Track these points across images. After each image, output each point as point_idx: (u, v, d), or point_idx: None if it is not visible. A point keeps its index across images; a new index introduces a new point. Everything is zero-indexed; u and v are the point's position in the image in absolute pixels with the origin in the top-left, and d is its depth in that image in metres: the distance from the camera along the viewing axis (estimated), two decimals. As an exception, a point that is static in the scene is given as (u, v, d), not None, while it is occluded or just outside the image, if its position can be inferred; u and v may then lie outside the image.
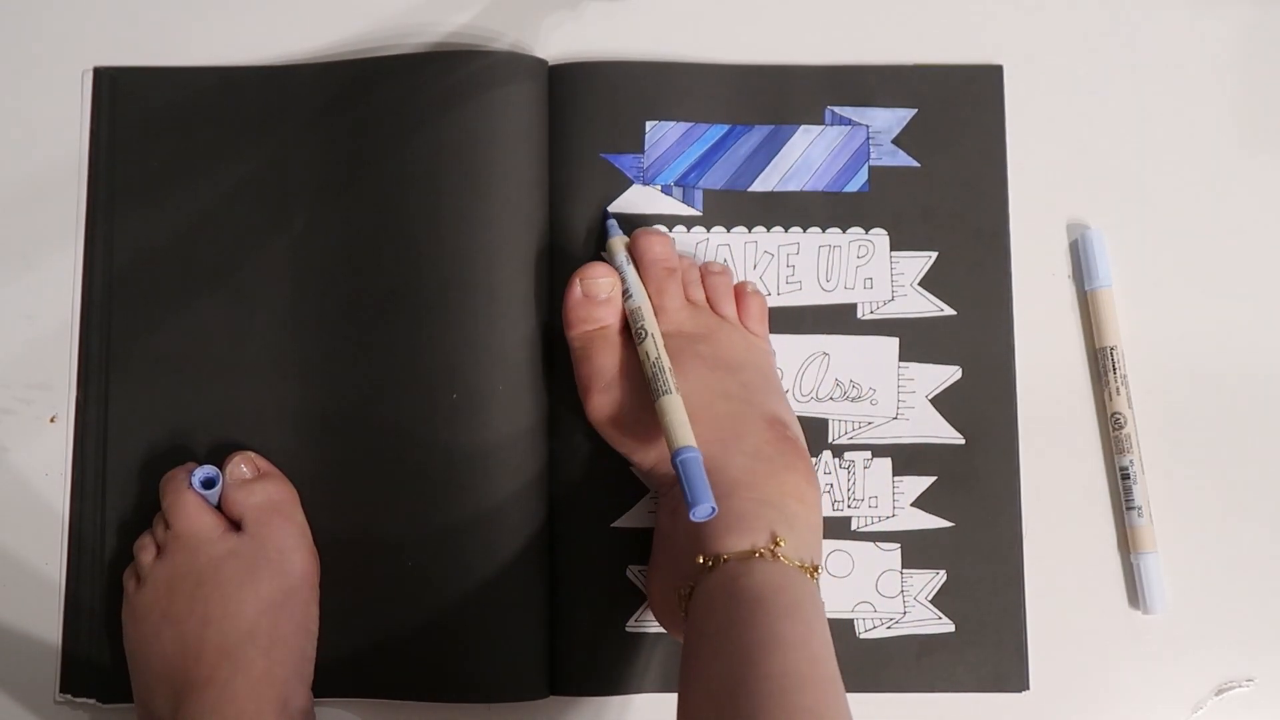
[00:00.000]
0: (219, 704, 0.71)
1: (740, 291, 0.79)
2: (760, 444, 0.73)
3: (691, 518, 0.67)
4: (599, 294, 0.76)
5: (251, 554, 0.75)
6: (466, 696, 0.77)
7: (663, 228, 0.81)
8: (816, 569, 0.69)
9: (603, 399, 0.75)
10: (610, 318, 0.76)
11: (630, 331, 0.76)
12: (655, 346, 0.73)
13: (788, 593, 0.66)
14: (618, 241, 0.79)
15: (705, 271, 0.79)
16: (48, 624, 0.79)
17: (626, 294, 0.76)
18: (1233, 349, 0.82)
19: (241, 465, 0.77)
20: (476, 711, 0.78)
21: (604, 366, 0.76)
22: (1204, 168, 0.83)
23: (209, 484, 0.75)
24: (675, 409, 0.71)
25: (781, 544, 0.68)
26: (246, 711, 0.71)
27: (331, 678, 0.77)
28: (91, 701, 0.78)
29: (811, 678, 0.63)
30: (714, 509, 0.67)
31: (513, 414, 0.77)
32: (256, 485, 0.76)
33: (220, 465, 0.76)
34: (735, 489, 0.70)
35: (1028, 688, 0.78)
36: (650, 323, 0.74)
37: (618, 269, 0.77)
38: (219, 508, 0.76)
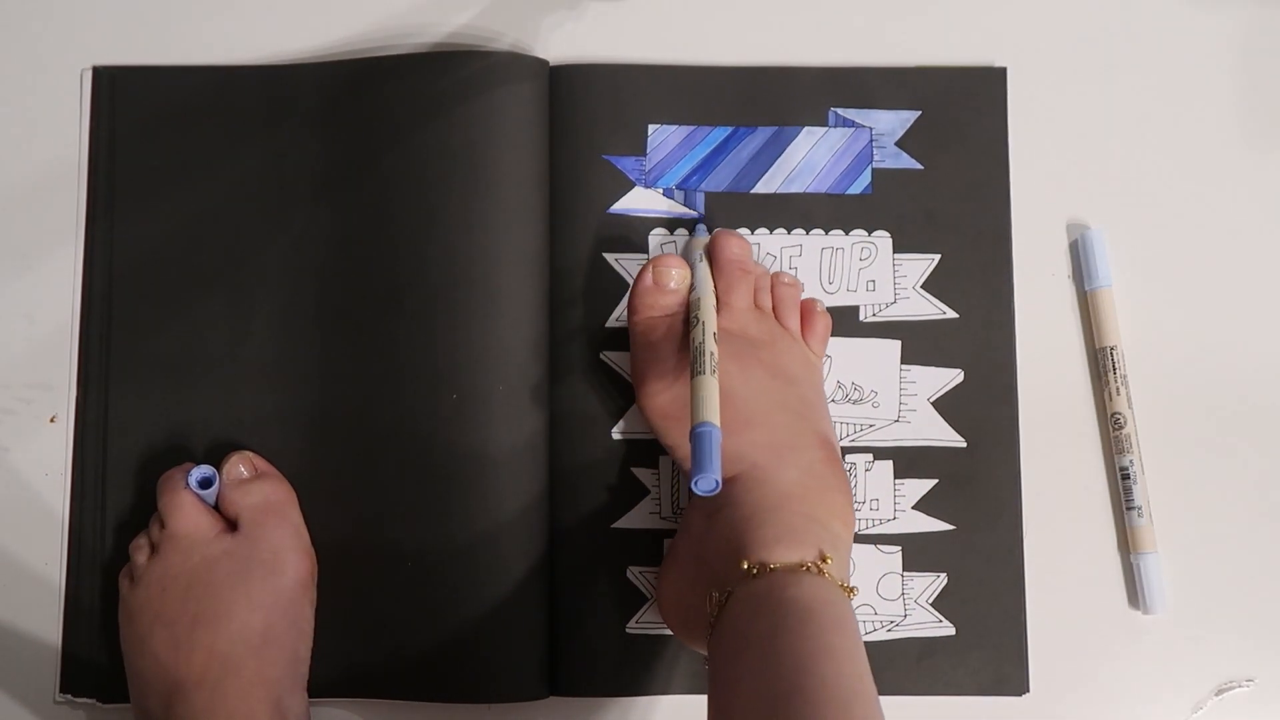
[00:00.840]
0: (210, 705, 0.71)
1: (808, 308, 0.79)
2: (813, 461, 0.72)
3: (693, 488, 0.65)
4: (668, 283, 0.76)
5: (245, 554, 0.74)
6: (466, 696, 0.77)
7: (740, 234, 0.80)
8: (854, 591, 0.69)
9: (657, 387, 0.75)
10: (675, 308, 0.76)
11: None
12: (704, 333, 0.72)
13: (835, 607, 0.65)
14: (698, 240, 0.79)
15: (775, 281, 0.79)
16: (48, 624, 0.79)
17: (693, 288, 0.76)
18: (1233, 349, 0.82)
19: (239, 465, 0.77)
20: (476, 711, 0.78)
21: (662, 356, 0.75)
22: (1204, 168, 0.83)
23: (206, 484, 0.75)
24: (707, 388, 0.70)
25: (829, 561, 0.67)
26: (238, 712, 0.71)
27: (331, 678, 0.77)
28: (91, 701, 0.78)
29: (861, 692, 0.62)
30: (718, 483, 0.66)
31: (513, 415, 0.77)
32: (253, 485, 0.76)
33: (218, 465, 0.76)
34: (787, 501, 0.70)
35: (1028, 691, 0.78)
36: (707, 314, 0.74)
37: (690, 264, 0.77)
38: (216, 507, 0.76)
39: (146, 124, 0.82)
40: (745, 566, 0.67)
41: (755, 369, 0.74)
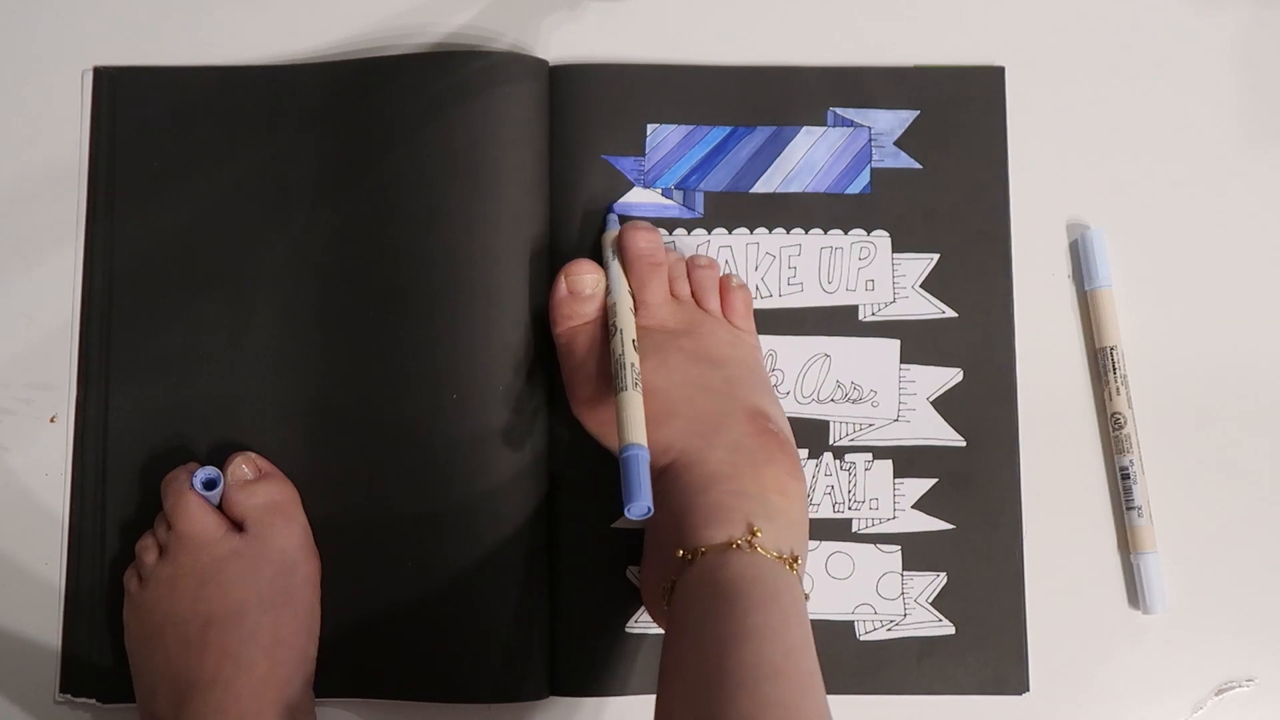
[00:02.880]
0: (222, 704, 0.71)
1: (725, 286, 0.79)
2: (740, 437, 0.73)
3: (626, 514, 0.67)
4: (583, 290, 0.76)
5: (254, 554, 0.75)
6: (467, 696, 0.77)
7: (647, 223, 0.80)
8: (796, 560, 0.69)
9: (584, 393, 0.76)
10: (593, 313, 0.77)
11: None
12: (622, 343, 0.73)
13: (764, 584, 0.66)
14: (608, 236, 0.79)
15: (691, 265, 0.79)
16: (48, 624, 0.79)
17: (609, 291, 0.77)
18: (1233, 349, 0.82)
19: (243, 466, 0.77)
20: (476, 711, 0.78)
21: (585, 362, 0.76)
22: (1204, 168, 0.83)
23: (210, 485, 0.75)
24: (630, 405, 0.71)
25: (759, 534, 0.68)
26: (249, 712, 0.71)
27: (331, 678, 0.77)
28: (91, 701, 0.78)
29: (785, 669, 0.62)
30: (649, 509, 0.67)
31: (513, 414, 0.77)
32: (258, 486, 0.76)
33: (221, 466, 0.76)
34: (713, 482, 0.71)
35: (1028, 689, 0.78)
36: (623, 319, 0.75)
37: (604, 264, 0.77)
38: (220, 508, 0.76)
39: (146, 124, 0.82)
40: (680, 554, 0.68)
41: (676, 358, 0.75)
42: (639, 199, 0.81)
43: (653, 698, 0.77)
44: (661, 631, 0.77)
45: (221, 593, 0.73)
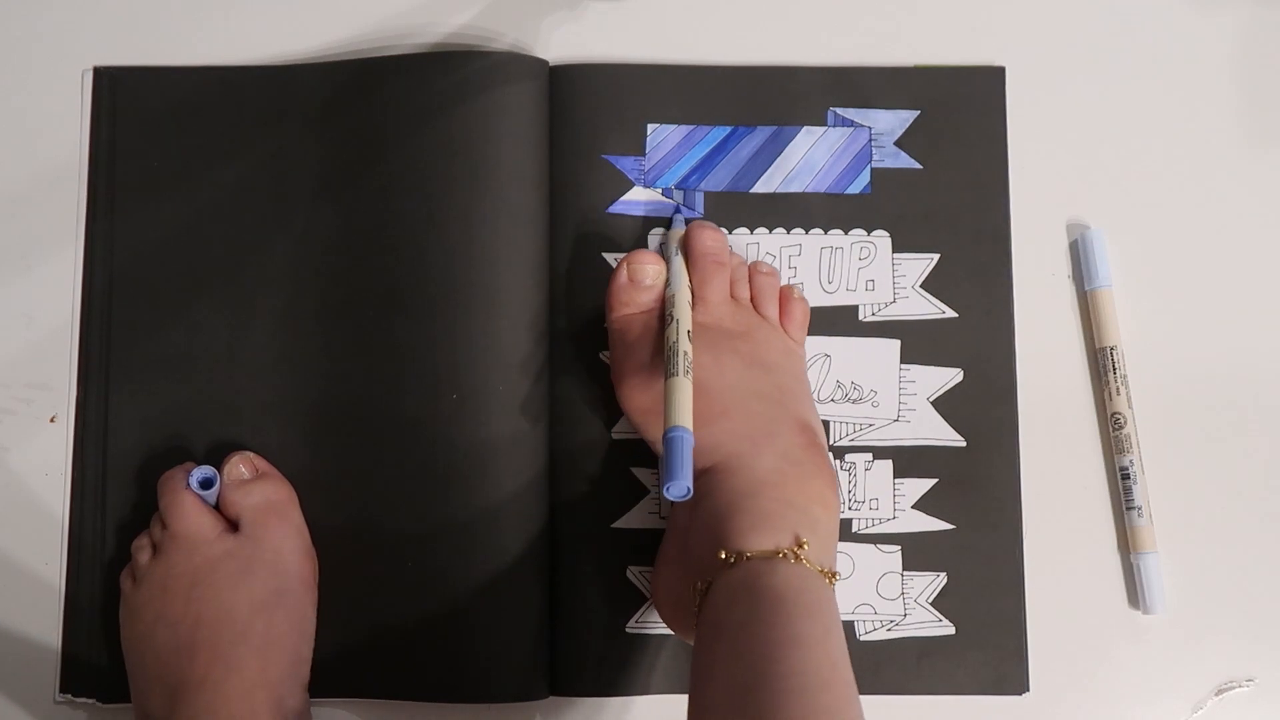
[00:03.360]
0: (212, 705, 0.71)
1: (785, 295, 0.78)
2: (790, 447, 0.72)
3: (665, 494, 0.66)
4: (643, 280, 0.76)
5: (247, 555, 0.74)
6: (466, 696, 0.77)
7: (714, 225, 0.80)
8: (835, 575, 0.69)
9: (635, 383, 0.75)
10: (650, 303, 0.76)
11: None
12: (677, 332, 0.73)
13: (808, 594, 0.66)
14: (675, 233, 0.79)
15: (753, 270, 0.79)
16: (48, 624, 0.79)
17: (669, 284, 0.76)
18: (1233, 349, 0.82)
19: (240, 465, 0.77)
20: (476, 711, 0.78)
21: (639, 354, 0.75)
22: (1205, 167, 0.83)
23: (207, 484, 0.75)
24: (679, 391, 0.70)
25: (805, 546, 0.67)
26: (240, 713, 0.71)
27: (331, 678, 0.77)
28: (91, 701, 0.78)
29: (832, 680, 0.63)
30: (689, 490, 0.66)
31: (513, 414, 0.77)
32: (254, 486, 0.76)
33: (219, 465, 0.76)
34: (763, 488, 0.70)
35: (1028, 690, 0.78)
36: (681, 310, 0.74)
37: (667, 259, 0.77)
38: (217, 508, 0.76)
39: (147, 124, 0.82)
40: (723, 556, 0.68)
41: (730, 359, 0.74)
42: (639, 198, 0.81)
43: (653, 698, 0.78)
44: (663, 632, 0.78)
45: (213, 594, 0.73)
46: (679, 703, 0.77)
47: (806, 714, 0.61)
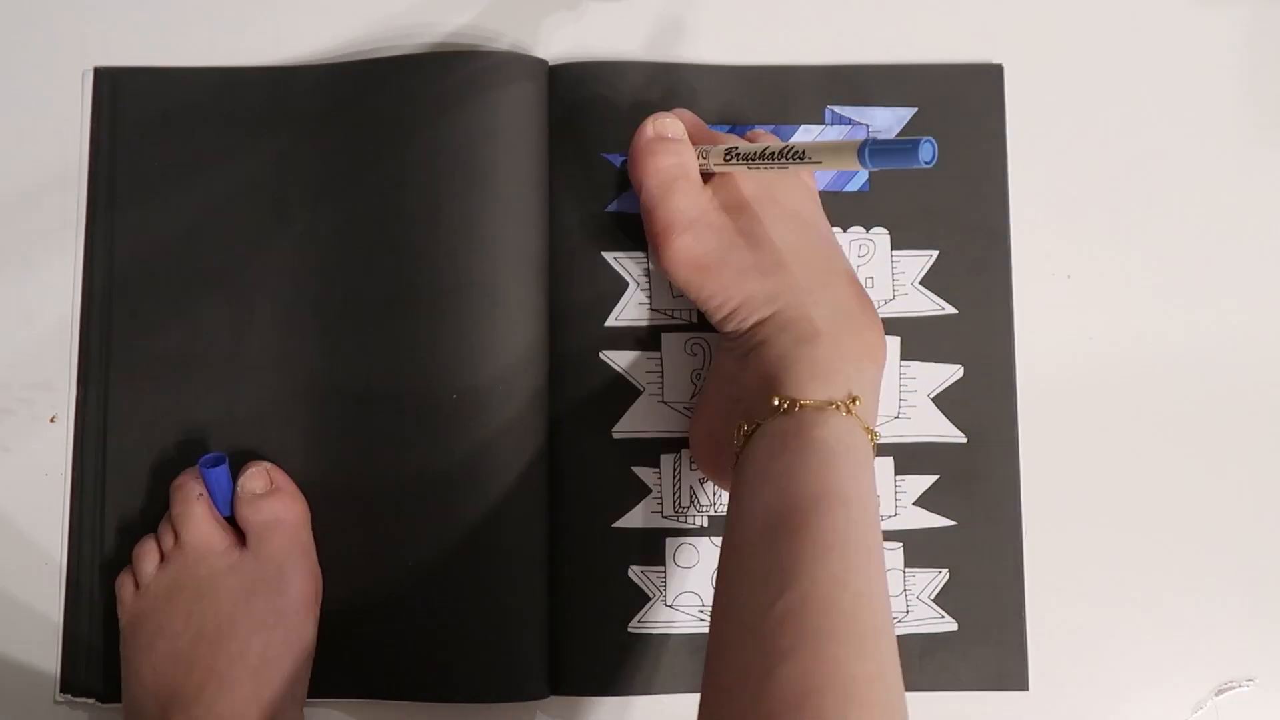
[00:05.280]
0: None
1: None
2: (844, 298, 0.72)
3: (922, 163, 0.64)
4: (674, 133, 0.75)
5: (250, 572, 0.74)
6: (466, 696, 0.77)
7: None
8: (877, 435, 0.69)
9: (685, 239, 0.73)
10: (687, 156, 0.75)
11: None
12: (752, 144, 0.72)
13: (857, 451, 0.66)
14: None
15: (752, 136, 0.79)
16: (48, 624, 0.78)
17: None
18: (1234, 347, 0.82)
19: (256, 479, 0.76)
20: (477, 711, 0.78)
21: (686, 207, 0.73)
22: (1205, 165, 0.83)
23: (215, 463, 0.76)
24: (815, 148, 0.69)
25: (858, 402, 0.67)
26: None
27: (331, 678, 0.77)
28: (91, 701, 0.78)
29: (871, 544, 0.63)
30: (933, 144, 0.64)
31: (513, 414, 0.77)
32: (264, 502, 0.76)
33: (237, 471, 0.77)
34: (819, 338, 0.69)
35: (1029, 686, 0.78)
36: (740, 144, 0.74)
37: None
38: (231, 513, 0.77)
39: (147, 125, 0.82)
40: (775, 402, 0.67)
41: (773, 210, 0.73)
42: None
43: (653, 697, 0.78)
44: (664, 633, 0.78)
45: (214, 608, 0.73)
46: (679, 703, 0.78)
47: (842, 571, 0.60)
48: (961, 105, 0.83)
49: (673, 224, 0.73)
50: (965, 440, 0.80)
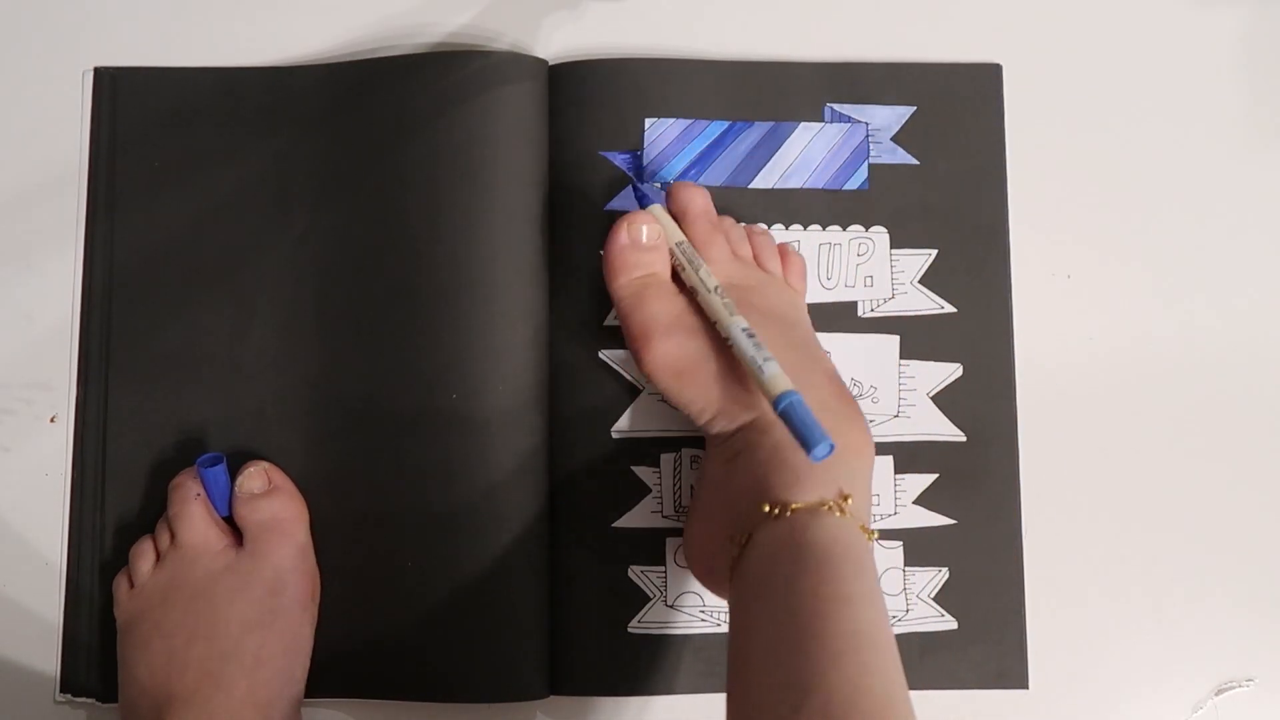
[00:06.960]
0: None
1: (785, 250, 0.78)
2: (826, 397, 0.72)
3: (813, 459, 0.65)
4: (649, 238, 0.74)
5: (246, 572, 0.74)
6: (467, 696, 0.77)
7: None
8: (874, 533, 0.68)
9: (664, 346, 0.73)
10: (659, 264, 0.75)
11: (678, 280, 0.75)
12: (721, 295, 0.72)
13: (855, 549, 0.65)
14: (657, 206, 0.77)
15: (750, 230, 0.79)
16: (48, 624, 0.78)
17: (680, 245, 0.75)
18: (1235, 347, 0.82)
19: (255, 479, 0.76)
20: (476, 711, 0.78)
21: (660, 312, 0.73)
22: (1204, 165, 0.83)
23: (213, 463, 0.76)
24: (772, 369, 0.69)
25: (849, 499, 0.67)
26: None
27: (330, 678, 0.77)
28: (91, 701, 0.78)
29: (880, 641, 0.62)
30: (833, 446, 0.65)
31: (513, 414, 0.77)
32: (262, 502, 0.76)
33: (234, 471, 0.77)
34: None
35: (1028, 685, 0.78)
36: (693, 257, 0.74)
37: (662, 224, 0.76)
38: (229, 511, 0.77)
39: (147, 125, 0.82)
40: (766, 509, 0.67)
41: (750, 314, 0.73)
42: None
43: (653, 698, 0.78)
44: (664, 633, 0.78)
45: (210, 608, 0.73)
46: (680, 702, 0.78)
47: (859, 673, 0.59)
48: (961, 104, 0.83)
49: (649, 330, 0.73)
50: (965, 439, 0.80)
